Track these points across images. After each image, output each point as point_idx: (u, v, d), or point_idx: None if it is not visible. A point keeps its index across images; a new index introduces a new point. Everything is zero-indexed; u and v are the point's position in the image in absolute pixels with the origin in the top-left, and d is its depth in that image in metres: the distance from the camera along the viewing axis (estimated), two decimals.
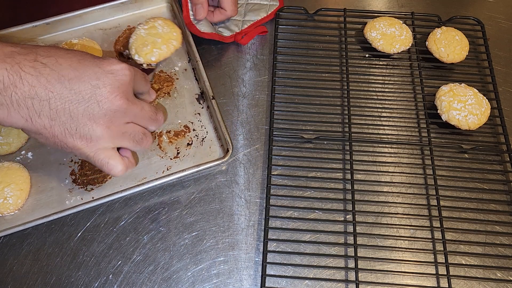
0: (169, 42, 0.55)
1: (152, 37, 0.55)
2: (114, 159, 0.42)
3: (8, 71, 0.37)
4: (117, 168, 0.42)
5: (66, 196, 0.53)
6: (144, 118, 0.44)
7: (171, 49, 0.55)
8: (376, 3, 0.71)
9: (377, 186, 0.54)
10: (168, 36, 0.56)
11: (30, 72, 0.38)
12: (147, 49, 0.54)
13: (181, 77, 0.61)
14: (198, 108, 0.59)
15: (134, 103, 0.42)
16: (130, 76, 0.42)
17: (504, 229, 0.52)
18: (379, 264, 0.50)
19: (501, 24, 0.69)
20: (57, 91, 0.38)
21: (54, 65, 0.39)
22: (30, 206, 0.52)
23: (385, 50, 0.62)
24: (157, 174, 0.54)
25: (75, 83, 0.39)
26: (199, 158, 0.55)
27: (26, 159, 0.55)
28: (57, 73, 0.39)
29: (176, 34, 0.56)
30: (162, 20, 0.56)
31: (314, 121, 0.58)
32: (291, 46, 0.64)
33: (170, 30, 0.56)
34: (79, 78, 0.39)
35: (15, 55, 0.38)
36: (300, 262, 0.50)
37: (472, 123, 0.55)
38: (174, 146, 0.56)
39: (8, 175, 0.52)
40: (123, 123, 0.42)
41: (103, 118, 0.40)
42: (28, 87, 0.38)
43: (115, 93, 0.40)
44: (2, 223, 0.50)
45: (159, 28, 0.55)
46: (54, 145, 0.41)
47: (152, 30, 0.55)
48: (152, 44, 0.55)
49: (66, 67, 0.39)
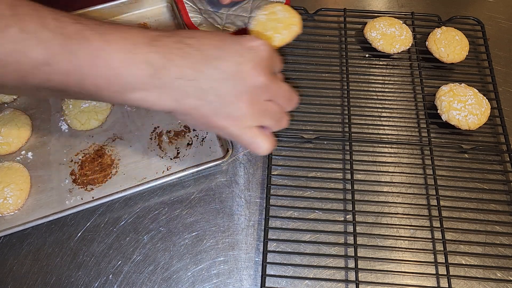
0: (290, 27, 0.54)
1: (273, 23, 0.54)
2: (261, 137, 0.41)
3: (158, 54, 0.37)
4: (265, 145, 0.41)
5: (66, 196, 0.53)
6: (283, 97, 0.42)
7: (292, 34, 0.54)
8: (376, 3, 0.71)
9: (377, 186, 0.54)
10: (289, 21, 0.54)
11: (178, 54, 0.38)
12: (268, 34, 0.53)
13: None
14: None
15: (274, 80, 0.41)
16: (270, 51, 0.41)
17: (504, 229, 0.52)
18: (379, 264, 0.50)
19: (501, 24, 0.69)
20: (204, 70, 0.38)
21: (199, 46, 0.39)
22: (30, 206, 0.52)
23: (385, 50, 0.62)
24: (157, 174, 0.54)
25: (220, 62, 0.39)
26: (199, 158, 0.55)
27: (26, 159, 0.55)
28: (202, 53, 0.38)
29: (296, 19, 0.54)
30: (281, 6, 0.55)
31: (314, 121, 0.58)
32: (291, 46, 0.64)
33: (290, 15, 0.55)
34: (223, 57, 0.39)
35: (160, 38, 0.38)
36: (300, 262, 0.50)
37: (472, 123, 0.55)
38: (174, 146, 0.56)
39: (8, 175, 0.52)
40: (264, 100, 0.41)
41: (247, 95, 0.39)
42: (176, 68, 0.37)
43: (257, 68, 0.39)
44: (2, 223, 0.50)
45: (279, 14, 0.54)
46: (202, 125, 0.41)
47: (272, 16, 0.54)
48: (274, 29, 0.54)
49: (210, 47, 0.39)
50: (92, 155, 0.55)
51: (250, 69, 0.39)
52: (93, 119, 0.56)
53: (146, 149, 0.56)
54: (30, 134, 0.56)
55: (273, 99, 0.42)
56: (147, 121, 0.58)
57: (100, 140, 0.56)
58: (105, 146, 0.56)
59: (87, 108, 0.56)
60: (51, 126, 0.57)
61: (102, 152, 0.55)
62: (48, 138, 0.56)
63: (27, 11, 0.36)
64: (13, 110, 0.57)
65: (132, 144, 0.56)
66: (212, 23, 0.64)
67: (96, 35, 0.37)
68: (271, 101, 0.42)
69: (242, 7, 0.66)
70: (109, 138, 0.56)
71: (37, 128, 0.57)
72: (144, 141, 0.56)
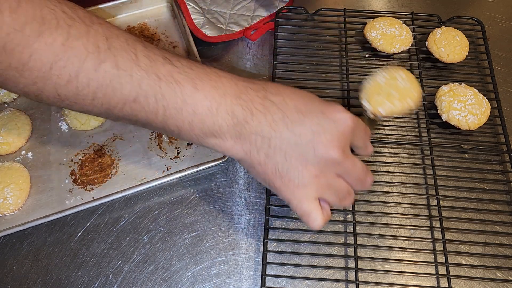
0: (405, 100, 0.50)
1: (389, 88, 0.51)
2: (317, 211, 0.40)
3: (242, 108, 0.38)
4: (317, 221, 0.40)
5: (66, 196, 0.53)
6: (354, 176, 0.41)
7: (404, 107, 0.50)
8: (376, 3, 0.71)
9: (377, 186, 0.54)
10: (406, 93, 0.50)
11: (260, 109, 0.38)
12: (379, 99, 0.50)
13: None
14: None
15: (349, 157, 0.40)
16: (352, 127, 0.40)
17: (504, 229, 0.51)
18: (379, 264, 0.50)
19: (501, 24, 0.69)
20: (280, 130, 0.38)
21: (282, 105, 0.39)
22: (30, 206, 0.52)
23: (385, 50, 0.62)
24: (157, 174, 0.54)
25: (297, 126, 0.38)
26: (199, 158, 0.55)
27: (26, 159, 0.55)
28: (282, 113, 0.39)
29: (415, 94, 0.50)
30: (404, 73, 0.52)
31: None
32: (291, 46, 0.64)
33: (410, 87, 0.51)
34: (302, 122, 0.39)
35: (249, 91, 0.39)
36: (300, 262, 0.50)
37: (472, 123, 0.55)
38: (174, 146, 0.56)
39: (8, 175, 0.52)
40: (332, 175, 0.40)
41: (314, 166, 0.39)
42: (256, 123, 0.38)
43: (333, 142, 0.39)
44: (2, 223, 0.50)
45: (400, 82, 0.51)
46: (263, 181, 0.41)
47: (392, 81, 0.51)
48: (387, 96, 0.50)
49: (292, 108, 0.39)
50: (92, 155, 0.55)
51: (325, 141, 0.38)
52: (93, 119, 0.56)
53: (146, 149, 0.56)
54: (30, 134, 0.56)
55: (343, 175, 0.41)
56: None
57: (100, 140, 0.56)
58: (105, 146, 0.56)
59: None
60: (51, 126, 0.57)
61: (102, 152, 0.55)
62: (48, 138, 0.56)
63: (121, 45, 0.36)
64: (13, 110, 0.57)
65: (132, 144, 0.56)
66: (215, 23, 0.64)
67: (187, 80, 0.38)
68: (341, 178, 0.41)
69: (245, 6, 0.66)
70: (109, 138, 0.56)
71: (37, 128, 0.57)
72: (144, 141, 0.56)
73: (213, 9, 0.66)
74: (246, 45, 0.65)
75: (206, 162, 0.53)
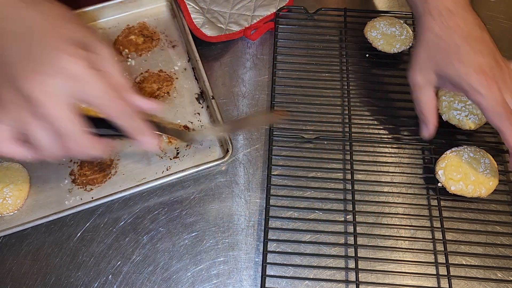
0: (479, 188, 0.50)
1: (469, 170, 0.51)
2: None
3: None
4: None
5: (65, 196, 0.52)
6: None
7: (475, 194, 0.50)
8: (377, 2, 0.71)
9: (378, 186, 0.54)
10: (483, 181, 0.51)
11: None
12: (455, 177, 0.51)
13: (180, 76, 0.61)
14: (198, 107, 0.59)
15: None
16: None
17: (504, 229, 0.51)
18: (380, 264, 0.49)
19: (502, 24, 0.69)
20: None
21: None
22: (29, 206, 0.52)
23: (385, 50, 0.61)
24: (156, 174, 0.54)
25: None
26: (199, 159, 0.55)
27: (25, 159, 0.55)
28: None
29: (491, 185, 0.51)
30: (490, 160, 0.52)
31: (314, 121, 0.58)
32: (291, 46, 0.64)
33: (490, 176, 0.51)
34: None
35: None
36: (300, 263, 0.49)
37: (473, 123, 0.55)
38: (174, 146, 0.56)
39: (7, 175, 0.51)
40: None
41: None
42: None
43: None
44: (1, 224, 0.50)
45: (482, 167, 0.51)
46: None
47: (474, 163, 0.51)
48: (464, 176, 0.51)
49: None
50: None
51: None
52: None
53: (145, 150, 0.55)
54: None
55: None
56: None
57: None
58: None
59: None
60: None
61: None
62: None
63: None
64: None
65: (132, 144, 0.56)
66: (215, 22, 0.64)
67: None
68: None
69: (245, 6, 0.66)
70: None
71: None
72: None
73: (213, 8, 0.66)
74: (246, 45, 0.65)
75: (205, 163, 0.53)
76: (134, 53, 0.62)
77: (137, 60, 0.62)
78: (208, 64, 0.63)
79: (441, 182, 0.52)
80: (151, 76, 0.60)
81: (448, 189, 0.51)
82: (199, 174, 0.54)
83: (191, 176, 0.54)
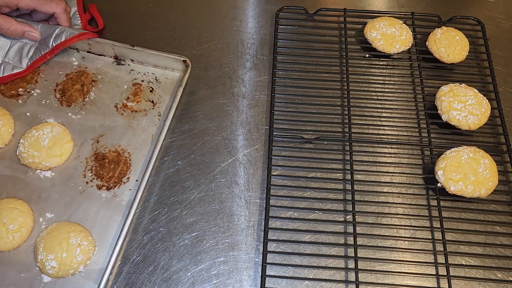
0: (479, 188, 0.50)
1: (468, 170, 0.51)
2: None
3: None
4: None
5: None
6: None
7: (474, 194, 0.50)
8: (376, 3, 0.71)
9: (377, 187, 0.54)
10: (482, 181, 0.51)
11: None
12: (454, 177, 0.51)
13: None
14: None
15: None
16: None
17: (504, 230, 0.51)
18: (379, 264, 0.49)
19: (502, 24, 0.69)
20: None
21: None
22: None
23: (385, 50, 0.61)
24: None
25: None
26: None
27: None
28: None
29: (491, 185, 0.51)
30: (489, 160, 0.52)
31: (314, 121, 0.58)
32: (291, 46, 0.64)
33: (489, 176, 0.51)
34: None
35: None
36: (300, 263, 0.49)
37: (473, 123, 0.55)
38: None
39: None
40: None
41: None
42: None
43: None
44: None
45: (481, 167, 0.51)
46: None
47: (474, 163, 0.51)
48: (463, 176, 0.51)
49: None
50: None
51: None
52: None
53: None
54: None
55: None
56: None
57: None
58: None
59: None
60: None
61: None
62: None
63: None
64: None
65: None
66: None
67: None
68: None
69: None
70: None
71: None
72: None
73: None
74: (245, 45, 0.65)
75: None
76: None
77: None
78: (208, 64, 0.63)
79: (440, 183, 0.52)
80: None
81: (448, 189, 0.51)
82: (199, 174, 0.54)
83: (191, 176, 0.54)
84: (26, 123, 0.57)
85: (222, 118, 0.59)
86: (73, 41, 0.59)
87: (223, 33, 0.67)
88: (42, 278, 0.48)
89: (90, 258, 0.49)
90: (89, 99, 0.60)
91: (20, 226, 0.49)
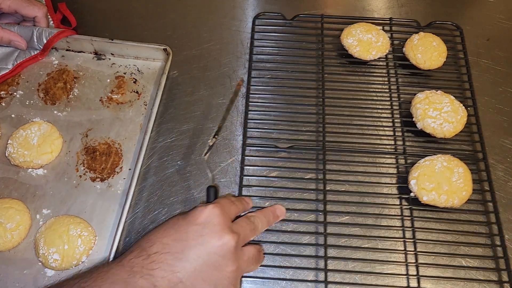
0: (452, 197, 0.50)
1: (441, 179, 0.50)
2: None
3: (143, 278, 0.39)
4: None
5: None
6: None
7: (448, 204, 0.50)
8: (376, 3, 0.70)
9: (349, 196, 0.53)
10: (456, 190, 0.50)
11: (153, 267, 0.40)
12: (427, 186, 0.50)
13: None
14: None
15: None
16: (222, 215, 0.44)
17: (479, 240, 0.51)
18: (350, 275, 0.49)
19: (501, 24, 0.68)
20: (181, 266, 0.40)
21: (163, 249, 0.41)
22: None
23: (362, 57, 0.61)
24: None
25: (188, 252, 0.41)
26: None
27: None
28: (168, 255, 0.41)
29: (465, 194, 0.50)
30: (463, 169, 0.51)
31: (288, 130, 0.57)
32: (267, 52, 0.64)
33: (463, 186, 0.50)
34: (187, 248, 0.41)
35: (132, 261, 0.40)
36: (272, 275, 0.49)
37: (448, 131, 0.54)
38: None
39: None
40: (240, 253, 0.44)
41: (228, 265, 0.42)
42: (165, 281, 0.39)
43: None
44: None
45: (455, 177, 0.50)
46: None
47: (447, 173, 0.50)
48: (437, 186, 0.50)
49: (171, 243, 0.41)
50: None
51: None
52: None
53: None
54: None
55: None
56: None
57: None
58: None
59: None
60: None
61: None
62: None
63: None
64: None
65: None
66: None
67: None
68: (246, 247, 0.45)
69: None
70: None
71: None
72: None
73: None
74: (246, 45, 0.65)
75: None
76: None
77: None
78: (208, 65, 0.63)
79: (413, 192, 0.51)
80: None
81: (421, 199, 0.50)
82: (199, 174, 0.54)
83: (191, 176, 0.54)
84: (12, 125, 0.57)
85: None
86: (59, 38, 0.61)
87: (222, 33, 0.66)
88: (46, 272, 0.48)
89: (92, 248, 0.49)
90: (73, 96, 0.60)
91: (18, 224, 0.50)
